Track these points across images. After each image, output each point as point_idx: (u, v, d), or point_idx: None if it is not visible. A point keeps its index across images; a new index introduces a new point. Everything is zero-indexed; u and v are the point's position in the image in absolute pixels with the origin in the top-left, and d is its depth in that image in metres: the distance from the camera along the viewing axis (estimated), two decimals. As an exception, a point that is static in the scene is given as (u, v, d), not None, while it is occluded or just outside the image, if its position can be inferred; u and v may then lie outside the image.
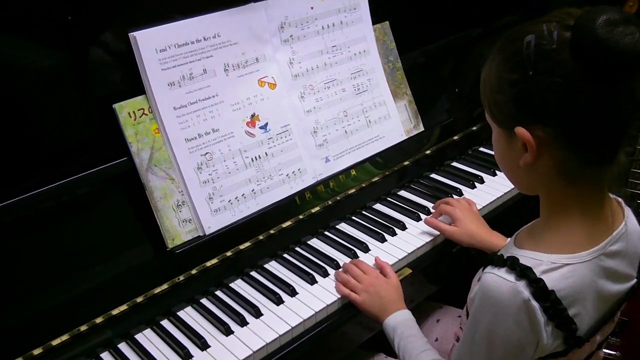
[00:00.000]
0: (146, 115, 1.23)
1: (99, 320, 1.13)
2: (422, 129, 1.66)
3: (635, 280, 0.97)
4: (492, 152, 1.72)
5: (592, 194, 0.89)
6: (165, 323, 1.21)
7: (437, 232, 1.42)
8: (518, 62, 0.82)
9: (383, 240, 1.41)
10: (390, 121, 1.59)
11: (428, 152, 1.67)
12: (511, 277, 0.86)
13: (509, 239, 1.01)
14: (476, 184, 1.62)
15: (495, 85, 0.87)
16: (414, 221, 1.47)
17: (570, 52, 0.79)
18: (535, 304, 0.84)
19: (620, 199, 0.98)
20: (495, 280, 0.87)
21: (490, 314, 0.88)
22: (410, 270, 1.35)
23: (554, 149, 0.84)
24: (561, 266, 0.87)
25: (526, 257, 0.88)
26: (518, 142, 0.86)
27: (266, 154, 1.37)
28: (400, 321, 1.17)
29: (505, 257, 0.88)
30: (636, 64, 0.77)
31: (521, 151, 0.86)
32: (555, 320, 0.86)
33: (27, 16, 1.11)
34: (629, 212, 0.97)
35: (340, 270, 1.31)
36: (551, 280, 0.85)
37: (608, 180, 0.89)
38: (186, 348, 1.13)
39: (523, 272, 0.85)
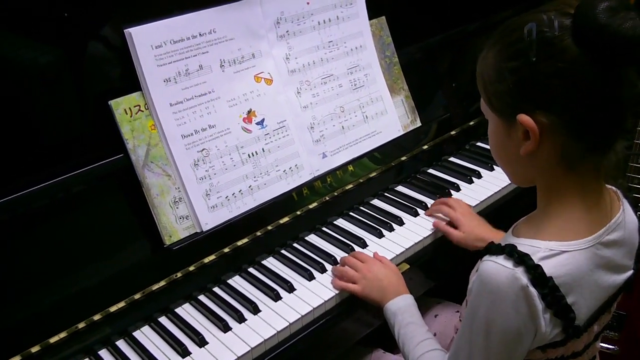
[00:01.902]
0: (142, 111, 1.23)
1: (96, 317, 1.13)
2: (419, 124, 1.65)
3: (632, 272, 0.97)
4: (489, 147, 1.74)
5: (590, 181, 0.90)
6: (163, 320, 1.21)
7: (435, 228, 1.42)
8: (518, 50, 0.83)
9: (381, 235, 1.41)
10: (387, 116, 1.59)
11: (425, 147, 1.67)
12: (509, 264, 0.86)
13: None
14: (474, 178, 1.62)
15: (493, 76, 0.87)
16: (411, 216, 1.47)
17: (572, 38, 0.80)
18: (533, 290, 0.84)
19: (617, 190, 0.99)
20: (493, 267, 0.87)
21: (488, 301, 0.88)
22: (409, 266, 1.35)
23: (556, 135, 0.84)
24: (559, 253, 0.87)
25: (524, 244, 0.88)
26: (518, 130, 0.86)
27: (263, 150, 1.37)
28: (401, 307, 1.16)
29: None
30: (637, 49, 0.78)
31: (521, 140, 0.86)
32: (553, 307, 0.86)
33: (23, 12, 1.10)
34: (625, 204, 0.97)
35: (338, 265, 1.30)
36: (549, 267, 0.85)
37: (605, 169, 0.90)
38: (184, 345, 1.13)
39: (521, 259, 0.85)
